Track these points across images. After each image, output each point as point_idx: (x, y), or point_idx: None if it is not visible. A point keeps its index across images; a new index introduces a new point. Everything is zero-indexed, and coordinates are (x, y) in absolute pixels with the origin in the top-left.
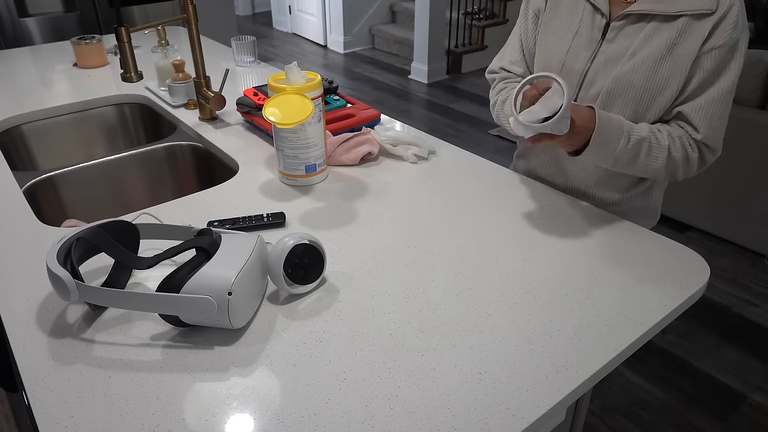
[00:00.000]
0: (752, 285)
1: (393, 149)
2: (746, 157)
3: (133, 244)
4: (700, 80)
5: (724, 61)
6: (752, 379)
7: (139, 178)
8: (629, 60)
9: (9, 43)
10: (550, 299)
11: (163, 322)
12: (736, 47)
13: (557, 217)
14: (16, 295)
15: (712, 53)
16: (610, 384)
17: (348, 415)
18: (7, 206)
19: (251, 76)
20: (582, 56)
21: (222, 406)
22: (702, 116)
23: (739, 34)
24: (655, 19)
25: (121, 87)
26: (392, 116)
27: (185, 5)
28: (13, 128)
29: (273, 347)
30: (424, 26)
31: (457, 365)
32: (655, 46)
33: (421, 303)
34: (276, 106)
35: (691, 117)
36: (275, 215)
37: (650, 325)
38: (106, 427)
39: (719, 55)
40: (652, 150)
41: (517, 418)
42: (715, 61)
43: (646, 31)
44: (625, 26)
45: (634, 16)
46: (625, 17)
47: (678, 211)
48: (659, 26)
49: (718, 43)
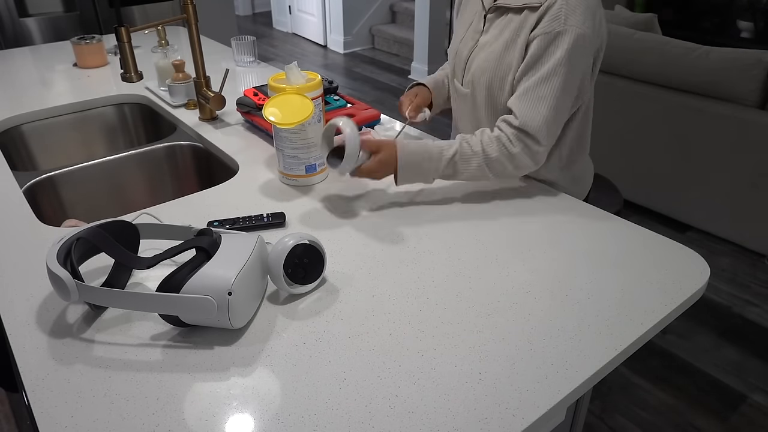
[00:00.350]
0: (752, 285)
1: None
2: (746, 157)
3: (133, 244)
4: (523, 67)
5: (540, 50)
6: (752, 379)
7: (139, 178)
8: (488, 49)
9: (9, 43)
10: (550, 299)
11: (163, 322)
12: (554, 40)
13: (558, 216)
14: (16, 295)
15: (534, 41)
16: (610, 384)
17: (348, 415)
18: (7, 206)
19: (251, 76)
20: (468, 45)
21: (222, 406)
22: (520, 102)
23: (561, 27)
24: (510, 12)
25: (121, 87)
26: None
27: (185, 5)
28: (13, 128)
29: (273, 347)
30: (424, 26)
31: (457, 365)
32: (505, 37)
33: (421, 303)
34: (276, 106)
35: (512, 104)
36: (275, 215)
37: (650, 325)
38: (106, 427)
39: (539, 43)
40: (464, 158)
41: (517, 418)
42: (535, 48)
43: (503, 23)
44: (495, 19)
45: (499, 9)
46: (494, 10)
47: (678, 211)
48: (512, 18)
49: (539, 33)
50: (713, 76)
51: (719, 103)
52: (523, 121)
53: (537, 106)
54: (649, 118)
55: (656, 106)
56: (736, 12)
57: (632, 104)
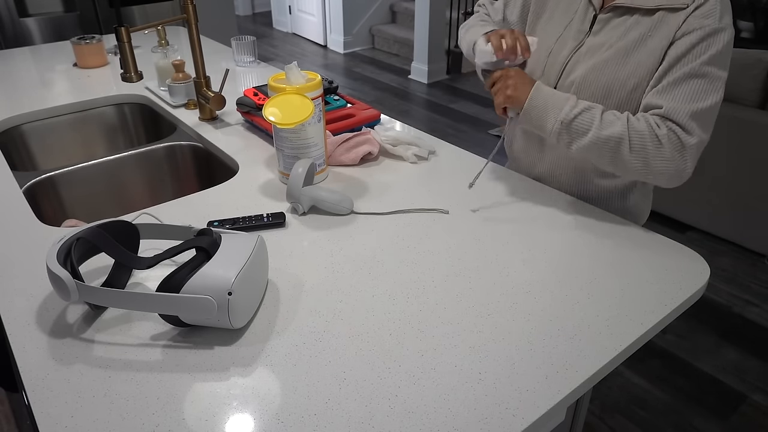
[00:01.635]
0: (752, 285)
1: (393, 149)
2: (746, 157)
3: (133, 244)
4: (665, 66)
5: (691, 47)
6: (752, 379)
7: (139, 178)
8: (606, 51)
9: (9, 43)
10: (550, 299)
11: (163, 322)
12: (709, 36)
13: (557, 216)
14: (16, 295)
15: (681, 40)
16: (610, 384)
17: (348, 415)
18: (7, 206)
19: (251, 76)
20: (569, 45)
21: (222, 406)
22: (662, 94)
23: (715, 24)
24: (637, 13)
25: (121, 87)
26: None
27: (185, 5)
28: (13, 128)
29: (273, 347)
30: (424, 26)
31: (457, 365)
32: (630, 39)
33: (421, 303)
34: (276, 106)
35: (653, 99)
36: (275, 215)
37: (650, 325)
38: (106, 427)
39: (688, 41)
40: (605, 122)
41: (517, 418)
42: (682, 47)
43: (627, 24)
44: (611, 19)
45: (618, 9)
46: (611, 10)
47: (678, 211)
48: (639, 20)
49: (689, 30)
50: None
51: None
52: (668, 109)
53: (686, 98)
54: None
55: None
56: (736, 12)
57: None
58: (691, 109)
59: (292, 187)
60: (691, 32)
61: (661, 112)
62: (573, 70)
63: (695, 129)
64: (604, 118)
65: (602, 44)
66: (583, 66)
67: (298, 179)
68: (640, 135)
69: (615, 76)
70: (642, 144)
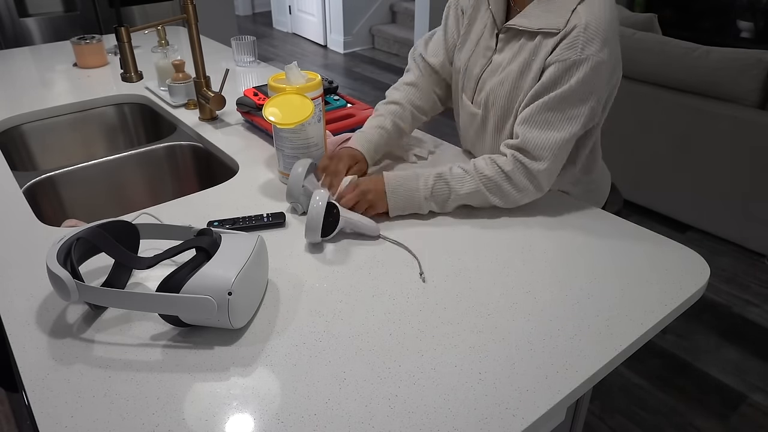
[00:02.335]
0: (752, 285)
1: (393, 151)
2: (746, 157)
3: (133, 244)
4: (531, 93)
5: (556, 76)
6: (752, 379)
7: (139, 178)
8: (502, 71)
9: (9, 43)
10: (550, 299)
11: (163, 322)
12: (571, 68)
13: (557, 217)
14: (16, 295)
15: (549, 68)
16: (610, 384)
17: (348, 415)
18: (7, 206)
19: (251, 76)
20: (479, 63)
21: (222, 406)
22: (522, 124)
23: (575, 56)
24: (523, 36)
25: (121, 87)
26: None
27: (185, 5)
28: (13, 128)
29: (273, 347)
30: (424, 26)
31: (457, 365)
32: (520, 61)
33: (421, 303)
34: (276, 106)
35: (516, 125)
36: (275, 215)
37: (650, 325)
38: (106, 427)
39: (553, 70)
40: (456, 175)
41: (517, 418)
42: (549, 75)
43: (516, 46)
44: (510, 39)
45: (512, 30)
46: (507, 30)
47: (678, 211)
48: (526, 42)
49: (555, 60)
50: (713, 76)
51: (719, 103)
52: (523, 140)
53: (542, 129)
54: (649, 118)
55: (656, 106)
56: (736, 12)
57: (632, 104)
58: (541, 142)
59: (292, 187)
60: (554, 63)
61: (516, 143)
62: (483, 87)
63: (543, 157)
64: (455, 177)
65: (503, 64)
66: (489, 84)
67: (297, 179)
68: (490, 180)
69: (509, 98)
70: (496, 185)
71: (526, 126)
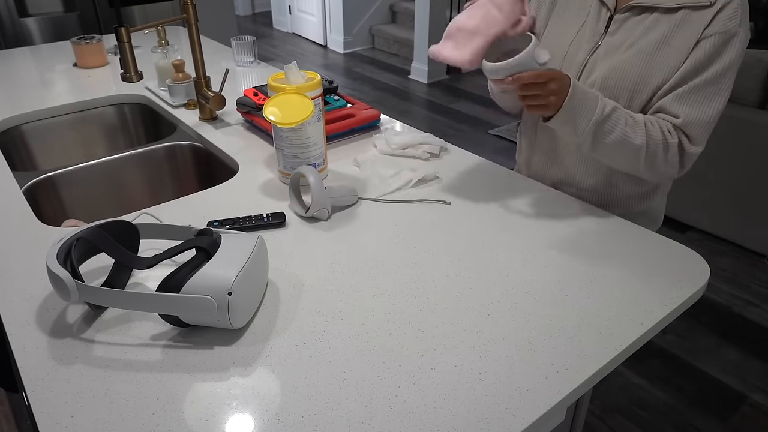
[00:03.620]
0: (752, 285)
1: (404, 152)
2: (746, 157)
3: (133, 244)
4: (688, 68)
5: (714, 51)
6: (752, 379)
7: (139, 178)
8: (626, 50)
9: (9, 43)
10: (550, 299)
11: (163, 321)
12: (730, 40)
13: (557, 216)
14: (16, 295)
15: (703, 42)
16: (610, 384)
17: (348, 415)
18: (7, 206)
19: (251, 76)
20: (584, 47)
21: (222, 406)
22: (682, 102)
23: (736, 28)
24: (656, 12)
25: (121, 87)
26: (392, 116)
27: (185, 5)
28: (13, 128)
29: (273, 347)
30: (424, 26)
31: (457, 365)
32: (653, 38)
33: (421, 303)
34: (276, 105)
35: (671, 105)
36: (275, 215)
37: (650, 325)
38: (106, 427)
39: (710, 44)
40: (629, 125)
41: (517, 418)
42: (705, 50)
43: (647, 23)
44: (628, 19)
45: (636, 8)
46: (628, 10)
47: (678, 211)
48: (659, 18)
49: (711, 33)
50: None
51: None
52: (685, 121)
53: (702, 107)
54: None
55: None
56: None
57: None
58: (703, 121)
59: (319, 197)
60: (716, 35)
61: (678, 123)
62: (592, 71)
63: (702, 140)
64: (629, 122)
65: (621, 44)
66: (602, 67)
67: (320, 186)
68: (655, 143)
69: (640, 77)
70: (655, 151)
71: (685, 104)
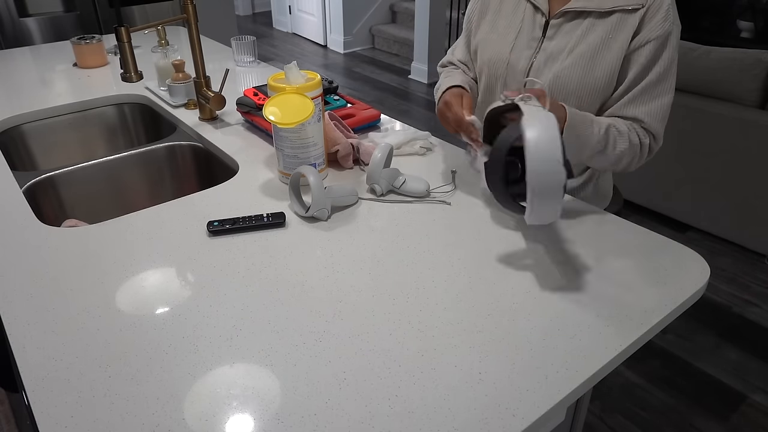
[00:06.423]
0: (752, 285)
1: (399, 151)
2: (746, 157)
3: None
4: (635, 74)
5: (656, 53)
6: (752, 379)
7: (139, 178)
8: (568, 56)
9: (9, 43)
10: (550, 299)
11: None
12: (667, 40)
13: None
14: (16, 295)
15: (645, 47)
16: (610, 384)
17: (348, 415)
18: (7, 206)
19: (251, 76)
20: (524, 54)
21: (222, 406)
22: (637, 105)
23: (671, 26)
24: (591, 16)
25: (121, 87)
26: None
27: (185, 5)
28: (13, 128)
29: (273, 347)
30: (424, 26)
31: (457, 365)
32: (591, 42)
33: (421, 303)
34: (276, 105)
35: (627, 109)
36: (275, 215)
37: (650, 325)
38: (106, 427)
39: (650, 49)
40: (618, 138)
41: (517, 418)
42: (648, 54)
43: (583, 27)
44: (563, 24)
45: (571, 13)
46: (562, 15)
47: (678, 211)
48: (594, 22)
49: (651, 36)
50: (713, 76)
51: (719, 103)
52: (648, 121)
53: (656, 105)
54: None
55: None
56: (736, 12)
57: None
58: (660, 117)
59: (319, 197)
60: (653, 39)
61: (645, 125)
62: (539, 75)
63: (662, 135)
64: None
65: (561, 50)
66: (546, 74)
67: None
68: (633, 147)
69: (584, 81)
70: (633, 155)
71: (642, 106)
